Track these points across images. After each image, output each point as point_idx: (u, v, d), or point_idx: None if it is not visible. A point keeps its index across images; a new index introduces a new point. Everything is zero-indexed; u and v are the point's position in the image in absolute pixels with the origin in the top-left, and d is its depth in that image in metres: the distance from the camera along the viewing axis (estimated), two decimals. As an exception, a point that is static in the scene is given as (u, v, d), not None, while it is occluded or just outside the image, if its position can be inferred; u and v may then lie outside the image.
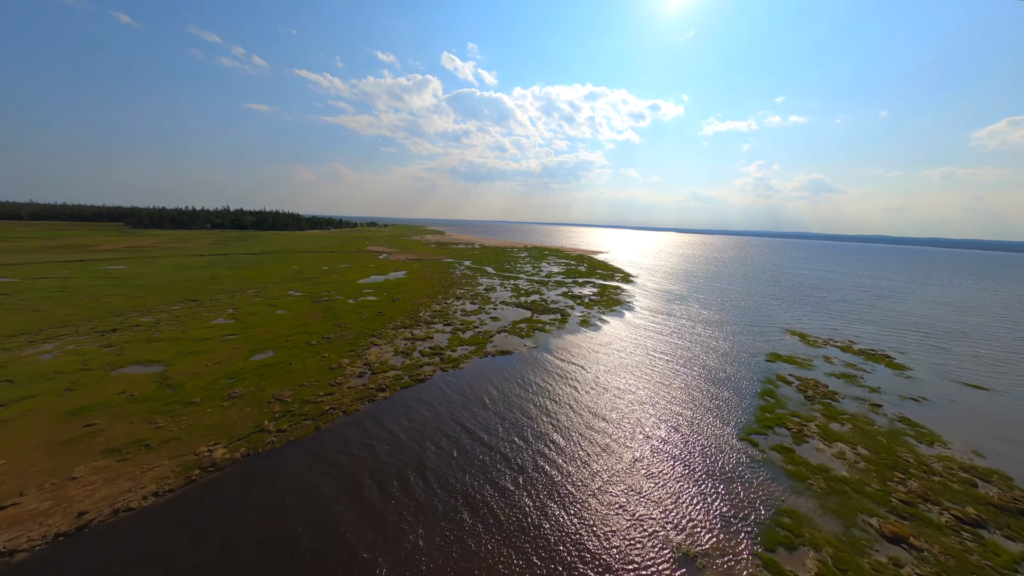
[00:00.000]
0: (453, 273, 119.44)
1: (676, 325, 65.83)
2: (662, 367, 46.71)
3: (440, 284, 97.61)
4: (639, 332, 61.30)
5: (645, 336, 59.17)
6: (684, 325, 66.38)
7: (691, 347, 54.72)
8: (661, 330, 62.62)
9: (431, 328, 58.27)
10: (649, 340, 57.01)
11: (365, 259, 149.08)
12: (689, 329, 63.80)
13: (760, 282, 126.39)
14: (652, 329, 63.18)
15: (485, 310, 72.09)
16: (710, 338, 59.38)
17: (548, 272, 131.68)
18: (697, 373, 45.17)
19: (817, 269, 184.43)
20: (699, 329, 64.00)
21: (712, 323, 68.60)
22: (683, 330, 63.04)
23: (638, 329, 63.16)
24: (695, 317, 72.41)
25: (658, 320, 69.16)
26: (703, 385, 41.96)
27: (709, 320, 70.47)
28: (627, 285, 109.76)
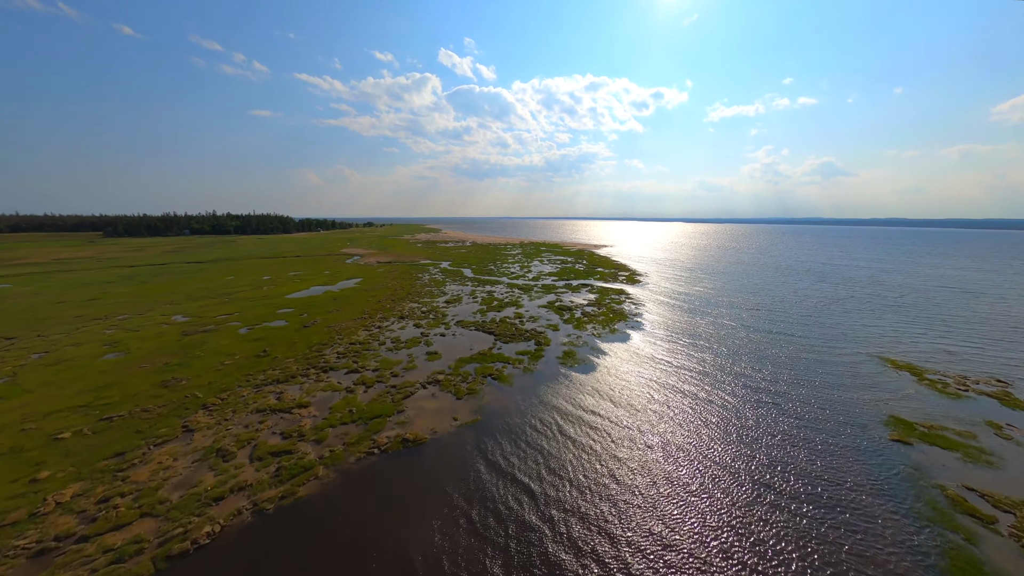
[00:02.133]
0: (420, 279, 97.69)
1: (711, 360, 42.88)
2: (708, 483, 24.04)
3: (392, 296, 75.92)
4: (653, 378, 38.74)
5: (664, 386, 36.56)
6: (722, 357, 43.56)
7: (745, 411, 32.02)
8: (688, 372, 39.85)
9: (322, 381, 36.48)
10: (672, 397, 34.34)
11: (327, 264, 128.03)
12: (731, 366, 41.00)
13: (800, 277, 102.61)
14: (673, 369, 40.55)
15: (429, 337, 50.19)
16: (771, 384, 36.64)
17: (537, 273, 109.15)
18: (781, 502, 22.50)
19: (857, 258, 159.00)
20: (747, 366, 41.17)
21: (763, 350, 45.77)
22: (723, 370, 40.21)
23: (651, 369, 40.63)
24: (734, 340, 49.56)
25: (680, 349, 46.46)
26: (808, 545, 19.50)
27: (757, 345, 47.58)
28: (633, 288, 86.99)
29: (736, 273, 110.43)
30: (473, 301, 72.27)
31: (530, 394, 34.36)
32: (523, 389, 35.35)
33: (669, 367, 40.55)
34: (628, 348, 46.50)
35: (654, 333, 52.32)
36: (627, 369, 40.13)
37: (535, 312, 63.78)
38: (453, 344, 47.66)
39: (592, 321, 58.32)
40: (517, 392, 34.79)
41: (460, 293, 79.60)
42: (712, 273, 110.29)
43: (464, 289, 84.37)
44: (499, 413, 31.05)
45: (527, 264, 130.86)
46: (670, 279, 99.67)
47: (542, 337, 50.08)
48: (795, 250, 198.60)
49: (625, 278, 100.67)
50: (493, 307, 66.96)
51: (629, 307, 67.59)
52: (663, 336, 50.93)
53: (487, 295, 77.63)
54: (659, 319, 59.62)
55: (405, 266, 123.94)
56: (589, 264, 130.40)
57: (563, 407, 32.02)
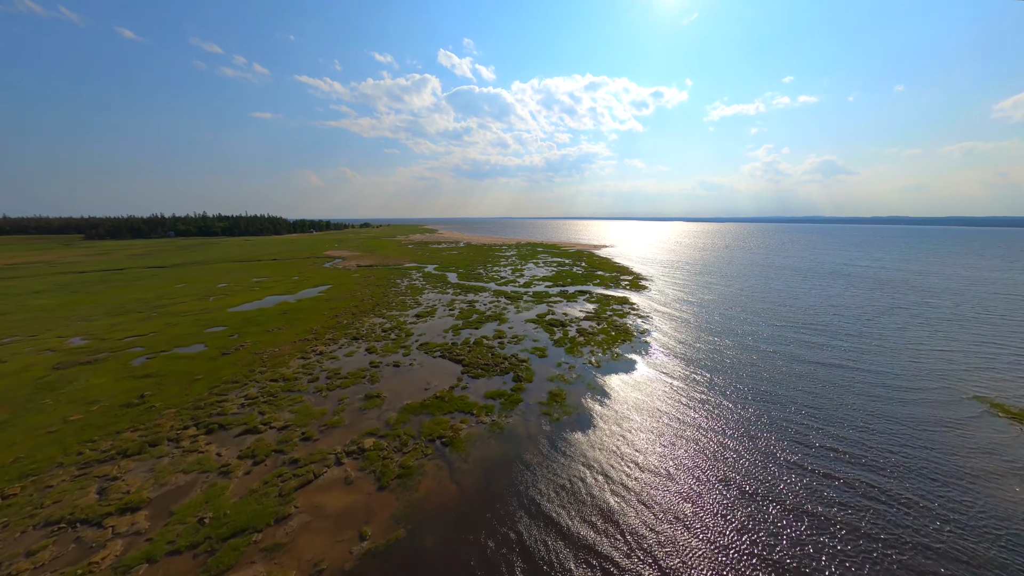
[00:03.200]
0: (396, 286, 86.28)
1: (754, 414, 30.95)
2: None
3: (355, 308, 64.49)
4: (674, 438, 27.28)
5: (694, 469, 25.00)
6: (768, 407, 31.96)
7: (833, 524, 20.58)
8: (726, 437, 28.03)
9: (195, 452, 25.05)
10: (711, 495, 22.79)
11: (301, 268, 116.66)
12: (787, 425, 29.25)
13: (827, 281, 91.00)
14: (704, 431, 28.94)
15: (379, 369, 38.77)
16: (850, 457, 25.12)
17: (530, 278, 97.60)
18: None
19: (879, 259, 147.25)
20: (808, 422, 29.51)
21: (820, 391, 34.20)
22: (779, 432, 28.49)
23: (671, 427, 29.10)
24: (776, 375, 38.02)
25: (707, 391, 34.82)
26: None
27: (810, 383, 35.96)
28: (638, 296, 75.44)
29: (751, 276, 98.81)
30: (449, 314, 60.85)
31: (492, 477, 22.85)
32: (483, 466, 23.83)
33: (696, 425, 28.92)
34: (637, 387, 34.96)
35: (668, 363, 40.73)
36: (638, 426, 28.59)
37: (521, 329, 52.31)
38: (406, 380, 36.20)
39: (590, 342, 46.82)
40: (473, 472, 23.27)
41: (437, 303, 68.14)
42: (724, 277, 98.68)
43: (443, 298, 72.92)
44: (436, 521, 19.57)
45: (520, 267, 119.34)
46: (679, 284, 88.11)
47: (524, 368, 38.56)
48: (808, 250, 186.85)
49: (628, 283, 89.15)
50: (471, 322, 55.51)
51: (634, 322, 56.08)
52: (680, 368, 39.34)
53: (467, 306, 66.18)
54: (672, 340, 48.05)
55: (385, 270, 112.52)
56: (588, 267, 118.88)
57: (540, 508, 20.53)
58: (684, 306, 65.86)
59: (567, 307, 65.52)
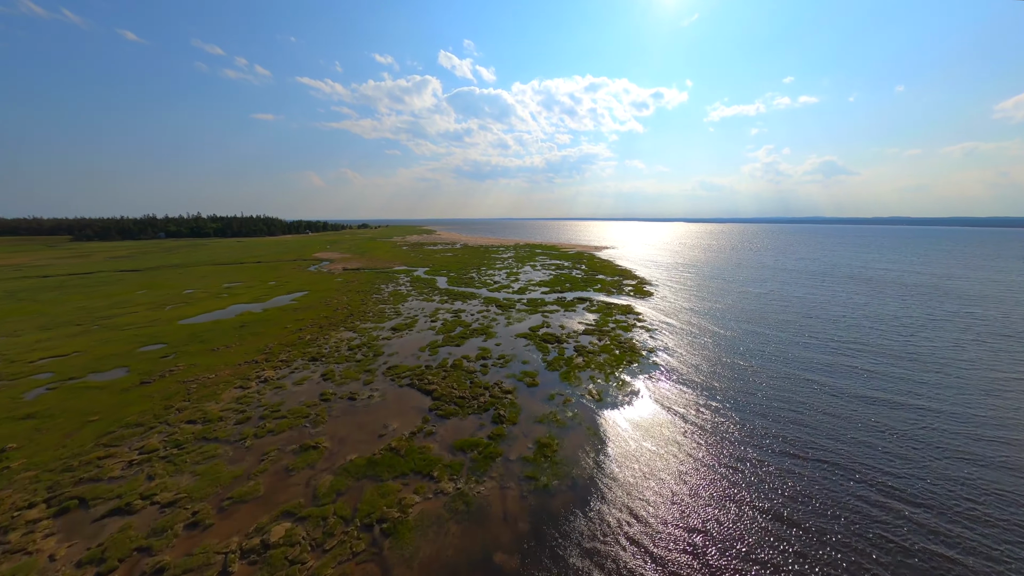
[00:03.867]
0: (380, 292, 78.96)
1: (808, 473, 23.88)
2: None
3: (326, 319, 57.14)
4: (704, 522, 19.94)
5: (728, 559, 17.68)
6: (817, 464, 24.68)
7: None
8: (767, 509, 20.75)
9: (11, 554, 17.82)
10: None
11: (281, 272, 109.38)
12: (851, 489, 22.01)
13: (848, 287, 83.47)
14: (736, 495, 21.59)
15: (330, 403, 31.37)
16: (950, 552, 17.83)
17: (525, 283, 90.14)
18: None
19: (896, 261, 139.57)
20: (886, 491, 22.23)
21: (888, 446, 26.82)
22: (839, 503, 21.28)
23: (696, 498, 21.78)
24: (821, 413, 30.60)
25: (735, 435, 27.41)
26: None
27: (866, 428, 28.59)
28: (643, 303, 67.98)
29: (765, 281, 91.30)
30: (430, 327, 53.49)
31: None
32: (434, 576, 16.49)
33: (729, 499, 21.50)
34: (648, 433, 27.50)
35: (685, 397, 33.22)
36: (654, 497, 21.14)
37: (509, 347, 44.92)
38: (358, 421, 28.82)
39: (589, 364, 39.41)
40: (419, 588, 15.94)
41: (419, 314, 60.78)
42: (736, 281, 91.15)
43: (427, 307, 65.54)
44: None
45: (516, 271, 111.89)
46: (687, 290, 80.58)
47: (507, 404, 31.13)
48: (816, 251, 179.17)
49: (631, 289, 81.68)
50: (453, 338, 48.10)
51: (640, 337, 48.61)
52: (701, 406, 31.84)
53: (452, 317, 58.79)
54: (687, 363, 40.55)
55: (371, 274, 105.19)
56: (588, 270, 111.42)
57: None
58: (696, 317, 58.35)
59: (564, 318, 58.09)
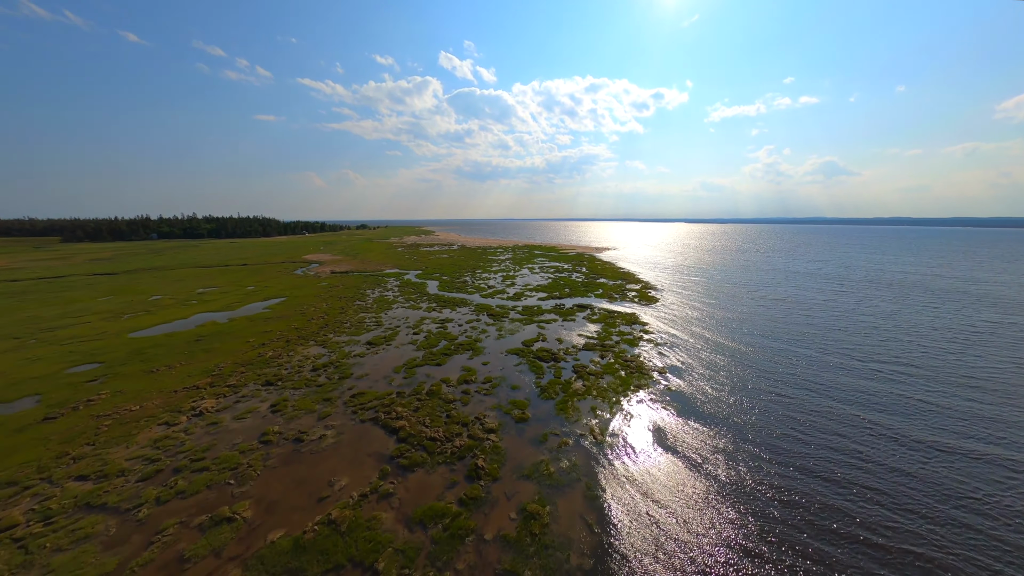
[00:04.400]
0: (364, 298, 72.98)
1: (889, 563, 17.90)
2: None
3: (296, 332, 51.10)
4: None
5: None
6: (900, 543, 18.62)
7: None
8: None
9: None
10: None
11: (263, 276, 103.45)
12: None
13: (869, 291, 77.29)
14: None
15: (267, 448, 25.33)
16: None
17: (522, 288, 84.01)
18: None
19: (916, 263, 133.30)
20: None
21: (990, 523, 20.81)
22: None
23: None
24: (884, 462, 24.56)
25: (780, 500, 21.45)
26: None
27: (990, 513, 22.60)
28: (649, 311, 61.89)
29: (779, 284, 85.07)
30: (411, 340, 47.46)
31: None
32: None
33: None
34: (665, 491, 21.41)
35: (707, 437, 27.14)
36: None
37: (498, 366, 38.88)
38: (296, 477, 22.78)
39: (590, 391, 33.35)
40: None
41: (401, 324, 54.76)
42: (748, 286, 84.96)
43: (412, 316, 59.54)
44: None
45: (512, 274, 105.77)
46: (696, 296, 74.41)
47: (488, 449, 25.07)
48: (826, 252, 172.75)
49: (635, 294, 75.57)
50: (435, 354, 42.06)
51: (649, 353, 42.53)
52: (728, 447, 25.78)
53: (438, 328, 52.78)
54: (705, 389, 34.41)
55: (359, 278, 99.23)
56: (589, 272, 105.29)
57: None
58: (709, 329, 52.21)
59: (563, 329, 52.02)
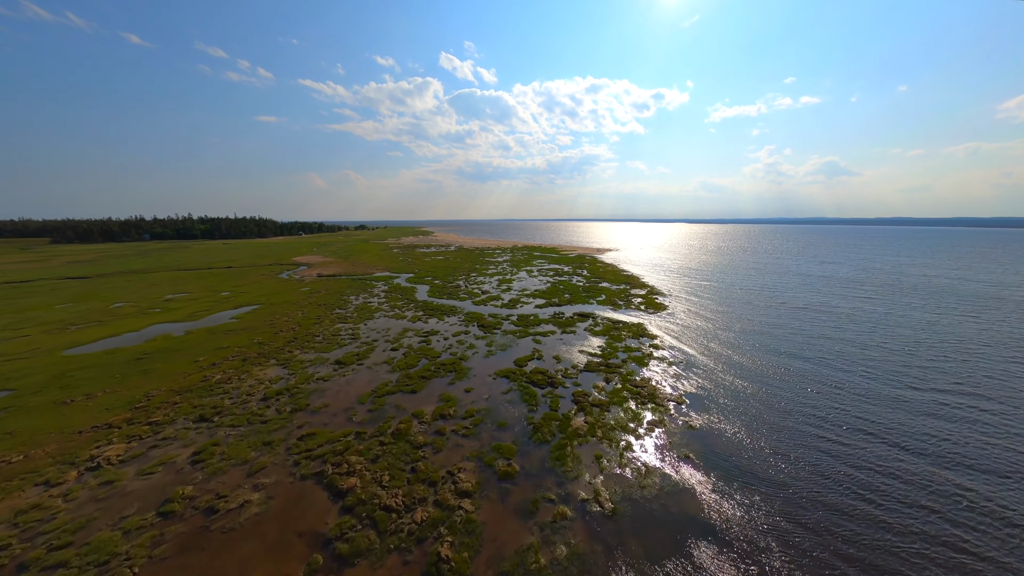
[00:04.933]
0: (345, 306, 66.78)
1: None
2: None
3: (259, 348, 44.84)
4: None
5: None
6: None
7: None
8: None
9: None
10: None
11: (242, 280, 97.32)
12: None
13: (896, 297, 70.88)
14: None
15: (167, 523, 19.07)
16: None
17: (518, 293, 77.65)
18: None
19: (931, 264, 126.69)
20: None
21: None
22: None
23: None
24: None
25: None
26: None
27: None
28: (658, 320, 55.48)
29: (797, 290, 78.57)
30: (387, 359, 41.16)
31: None
32: None
33: None
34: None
35: (748, 506, 20.78)
36: None
37: (483, 394, 32.54)
38: (196, 574, 16.52)
39: (594, 430, 26.96)
40: None
41: (380, 337, 48.49)
42: (761, 291, 78.53)
43: (394, 326, 53.30)
44: None
45: (509, 278, 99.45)
46: (707, 302, 68.01)
47: (457, 526, 18.65)
48: (837, 253, 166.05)
49: (641, 301, 69.20)
50: (411, 378, 35.79)
51: (662, 376, 36.19)
52: (779, 524, 19.50)
53: (420, 342, 46.54)
54: (733, 430, 27.97)
55: (345, 282, 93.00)
56: (591, 275, 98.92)
57: None
58: (729, 344, 45.78)
59: (561, 344, 45.68)
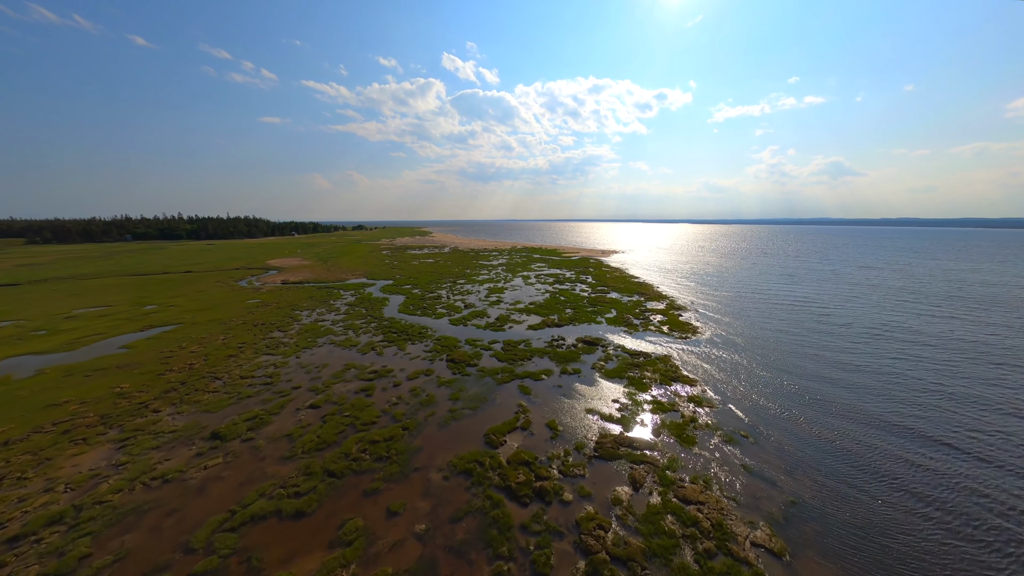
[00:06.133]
0: (288, 326, 52.77)
1: None
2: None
3: (96, 412, 30.76)
4: None
5: None
6: None
7: None
8: None
9: None
10: None
11: (188, 289, 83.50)
12: None
13: (970, 312, 56.29)
14: None
15: None
16: None
17: (511, 305, 63.26)
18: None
19: (980, 270, 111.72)
20: None
21: None
22: None
23: None
24: None
25: None
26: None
27: None
28: (690, 352, 40.95)
29: (848, 303, 63.82)
30: (297, 426, 27.03)
31: None
32: None
33: None
34: None
35: None
36: None
37: (415, 525, 18.11)
38: None
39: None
40: None
41: (307, 379, 34.30)
42: (807, 305, 63.84)
43: (336, 359, 39.08)
44: None
45: (502, 286, 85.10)
46: (744, 319, 53.49)
47: None
48: (868, 255, 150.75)
49: (661, 318, 54.81)
50: (312, 474, 21.60)
51: (718, 464, 21.91)
52: None
53: (361, 389, 32.39)
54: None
55: (308, 291, 78.95)
56: (596, 283, 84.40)
57: None
58: (809, 401, 31.25)
59: (560, 396, 31.38)
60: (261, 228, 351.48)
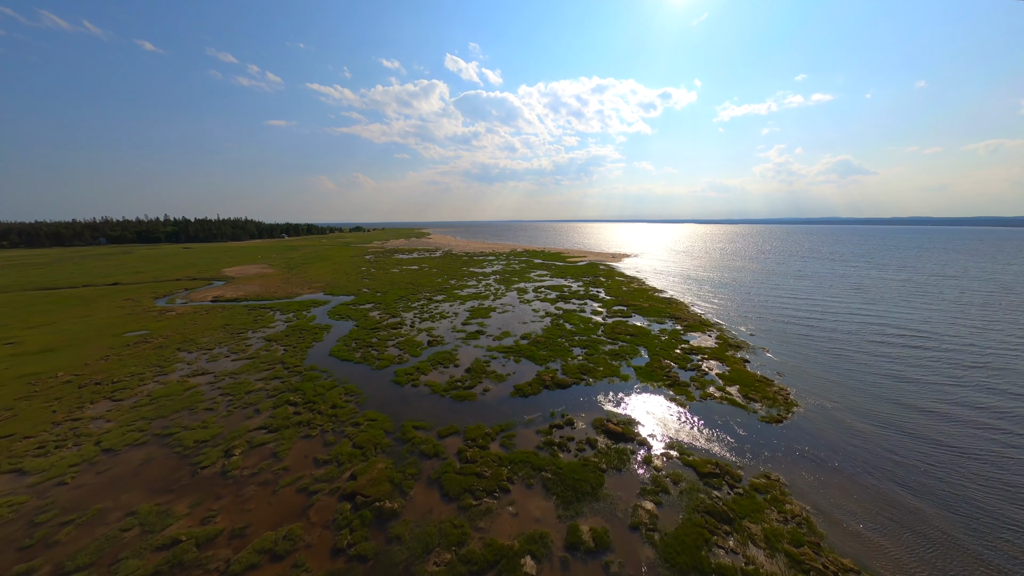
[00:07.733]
0: (136, 384, 33.42)
1: None
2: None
3: None
4: None
5: None
6: None
7: None
8: None
9: None
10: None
11: (84, 311, 64.70)
12: None
13: None
14: None
15: None
16: None
17: (495, 340, 43.37)
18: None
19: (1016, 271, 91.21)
20: None
21: None
22: None
23: None
24: None
25: None
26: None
27: None
28: (793, 444, 21.46)
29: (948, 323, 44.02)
30: None
31: None
32: None
33: None
34: None
35: None
36: None
37: None
38: None
39: None
40: None
41: None
42: (926, 337, 44.02)
43: (133, 495, 19.77)
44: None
45: (491, 304, 65.47)
46: (846, 362, 33.79)
47: None
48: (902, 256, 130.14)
49: (719, 367, 35.02)
50: None
51: None
52: None
53: None
54: None
55: (231, 315, 59.72)
56: (612, 300, 64.49)
57: None
58: None
59: None
60: (248, 230, 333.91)
